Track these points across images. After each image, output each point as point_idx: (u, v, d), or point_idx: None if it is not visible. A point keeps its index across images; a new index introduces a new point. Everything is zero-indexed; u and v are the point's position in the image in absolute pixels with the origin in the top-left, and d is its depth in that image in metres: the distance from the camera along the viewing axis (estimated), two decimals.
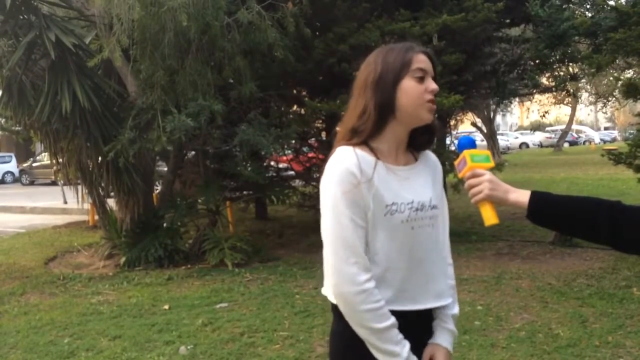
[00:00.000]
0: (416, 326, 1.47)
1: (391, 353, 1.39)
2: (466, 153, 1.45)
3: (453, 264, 1.63)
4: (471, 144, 1.49)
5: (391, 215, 1.41)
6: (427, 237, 1.48)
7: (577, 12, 7.32)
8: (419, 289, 1.46)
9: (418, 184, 1.49)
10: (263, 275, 6.09)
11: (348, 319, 1.42)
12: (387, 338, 1.39)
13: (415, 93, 1.43)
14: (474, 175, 1.44)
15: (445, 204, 1.58)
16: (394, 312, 1.41)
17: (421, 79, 1.44)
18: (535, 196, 1.40)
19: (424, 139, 1.53)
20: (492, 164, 1.47)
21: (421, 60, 1.45)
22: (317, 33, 7.27)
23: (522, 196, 1.41)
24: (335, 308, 1.48)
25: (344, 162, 1.41)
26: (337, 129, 1.54)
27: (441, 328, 1.54)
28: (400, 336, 1.41)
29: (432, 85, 1.45)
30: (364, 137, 1.45)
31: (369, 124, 1.44)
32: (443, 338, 1.53)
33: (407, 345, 1.42)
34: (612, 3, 6.69)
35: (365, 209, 1.40)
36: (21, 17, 6.30)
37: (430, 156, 1.59)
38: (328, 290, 1.49)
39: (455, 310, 1.57)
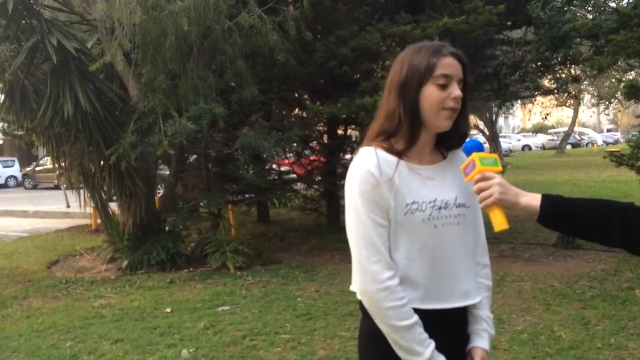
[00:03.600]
0: (443, 325, 1.45)
1: (413, 352, 1.39)
2: (475, 156, 1.41)
3: None
4: (479, 147, 1.46)
5: (411, 214, 1.41)
6: (453, 236, 1.46)
7: (578, 14, 7.31)
8: (445, 288, 1.45)
9: (443, 183, 1.48)
10: (265, 278, 6.09)
11: (372, 315, 1.43)
12: (410, 336, 1.39)
13: (435, 101, 1.41)
14: (484, 179, 1.39)
15: (477, 203, 1.49)
16: (419, 311, 1.41)
17: (444, 86, 1.41)
18: (547, 200, 1.37)
19: (454, 140, 1.52)
20: (500, 167, 1.43)
21: (447, 65, 1.42)
22: (318, 36, 7.29)
23: (533, 200, 1.38)
24: (362, 305, 1.49)
25: (364, 163, 1.43)
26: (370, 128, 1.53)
27: (488, 334, 1.55)
28: (425, 335, 1.41)
29: (456, 91, 1.41)
30: (401, 146, 1.45)
31: (405, 131, 1.44)
32: (488, 344, 1.55)
33: (431, 345, 1.41)
34: (613, 5, 6.68)
35: (386, 208, 1.41)
36: (23, 22, 6.33)
37: (459, 154, 1.55)
38: (356, 287, 1.50)
39: (491, 312, 1.58)
